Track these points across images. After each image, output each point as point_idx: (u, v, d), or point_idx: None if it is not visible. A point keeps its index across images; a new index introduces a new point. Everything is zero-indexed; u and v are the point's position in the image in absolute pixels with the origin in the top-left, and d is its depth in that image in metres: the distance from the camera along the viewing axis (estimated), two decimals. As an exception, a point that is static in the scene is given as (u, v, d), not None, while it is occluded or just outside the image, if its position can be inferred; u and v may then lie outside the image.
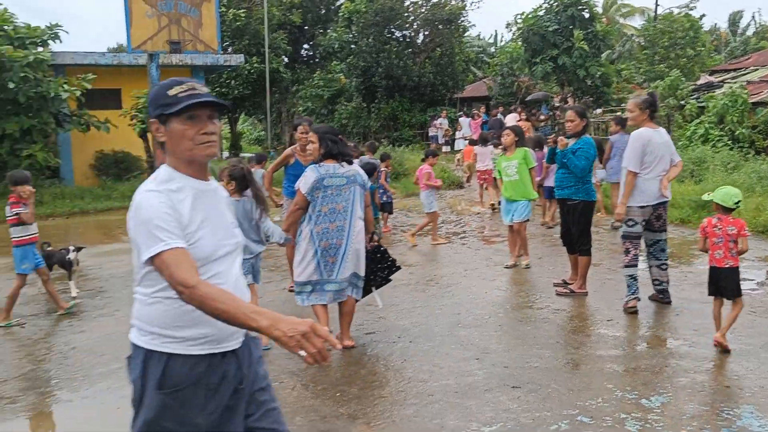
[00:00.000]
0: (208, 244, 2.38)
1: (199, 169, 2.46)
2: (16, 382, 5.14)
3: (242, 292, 2.47)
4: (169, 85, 2.41)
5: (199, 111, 2.38)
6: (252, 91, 31.69)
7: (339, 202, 5.43)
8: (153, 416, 2.34)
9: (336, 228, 5.42)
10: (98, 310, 7.23)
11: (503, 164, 8.68)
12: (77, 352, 5.83)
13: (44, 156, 16.51)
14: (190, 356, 2.33)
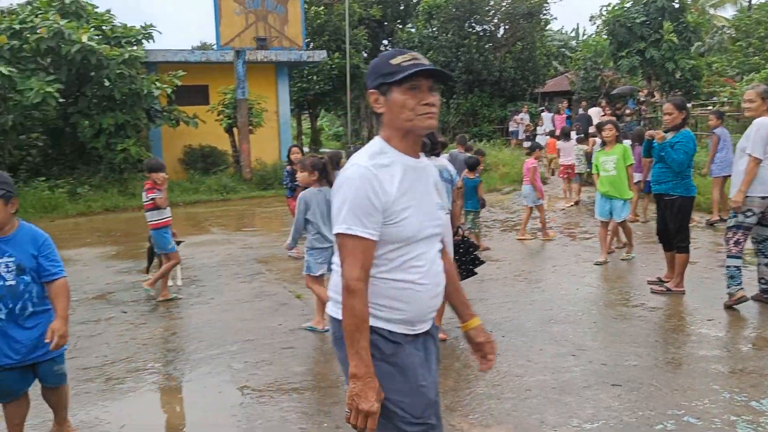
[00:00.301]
0: (412, 225, 2.34)
1: (413, 144, 2.42)
2: (123, 363, 5.36)
3: (439, 277, 2.47)
4: (392, 55, 2.36)
5: (421, 81, 2.33)
6: (332, 87, 32.05)
7: None
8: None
9: None
10: (194, 298, 7.46)
11: (601, 159, 8.50)
12: (177, 337, 6.03)
13: (137, 150, 17.13)
14: (391, 332, 2.36)
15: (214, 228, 13.02)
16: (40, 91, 15.30)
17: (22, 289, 3.47)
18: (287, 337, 5.92)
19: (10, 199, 3.46)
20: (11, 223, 3.51)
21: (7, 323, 3.47)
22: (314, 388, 4.77)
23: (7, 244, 3.46)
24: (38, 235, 3.57)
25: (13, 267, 3.45)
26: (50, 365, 3.65)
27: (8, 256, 3.44)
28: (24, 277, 3.47)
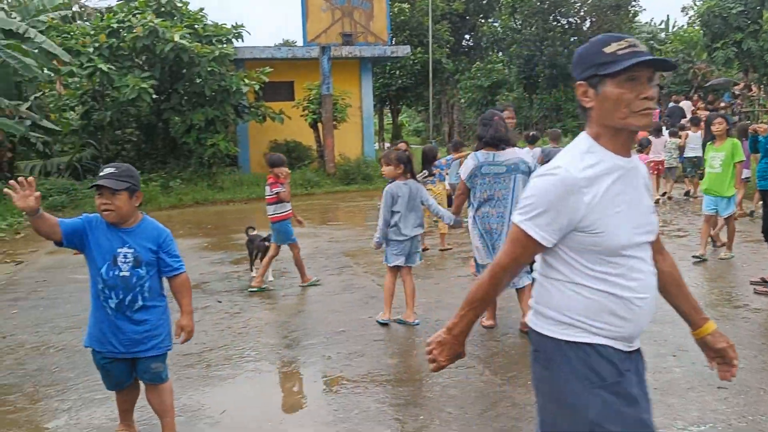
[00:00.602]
0: (619, 234, 2.07)
1: (624, 142, 2.13)
2: (220, 351, 5.51)
3: (654, 286, 2.21)
4: (604, 42, 2.07)
5: (641, 72, 2.04)
6: (414, 82, 32.08)
7: (498, 190, 5.49)
8: (593, 417, 2.06)
9: (496, 214, 5.51)
10: (285, 289, 7.60)
11: (710, 154, 8.18)
12: (271, 327, 6.16)
13: (225, 145, 17.61)
14: (614, 349, 2.11)
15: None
16: (135, 88, 15.93)
17: (135, 281, 3.47)
18: (378, 330, 5.95)
19: (135, 193, 3.51)
20: (135, 216, 3.56)
21: (116, 313, 3.49)
22: (408, 380, 4.78)
23: (129, 236, 3.50)
24: (160, 231, 3.60)
25: (131, 258, 3.47)
26: (148, 362, 3.62)
27: (128, 247, 3.48)
28: (139, 270, 3.48)
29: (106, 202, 3.41)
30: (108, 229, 3.50)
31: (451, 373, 4.84)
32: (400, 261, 5.98)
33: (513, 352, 5.27)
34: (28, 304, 7.25)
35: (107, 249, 3.47)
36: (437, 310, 6.52)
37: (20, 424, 4.27)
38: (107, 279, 3.45)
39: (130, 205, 3.48)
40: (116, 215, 3.44)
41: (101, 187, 3.40)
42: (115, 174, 3.45)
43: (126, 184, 3.44)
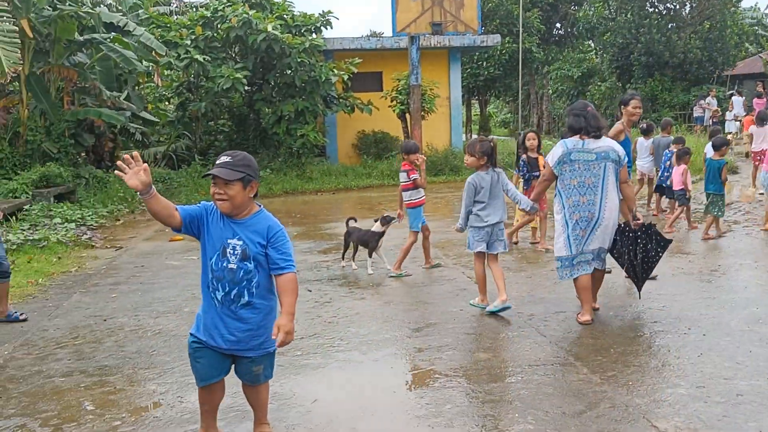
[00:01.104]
0: None
1: None
2: (311, 340, 5.51)
3: None
4: None
5: None
6: (502, 72, 31.55)
7: (588, 177, 5.52)
8: None
9: (587, 202, 5.53)
10: (374, 280, 7.57)
11: None
12: (361, 317, 6.12)
13: (314, 135, 17.79)
14: None
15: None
16: (230, 78, 16.27)
17: (241, 275, 3.33)
18: (469, 323, 5.83)
19: (250, 183, 3.35)
20: (249, 208, 3.40)
21: (222, 306, 3.38)
22: (501, 375, 4.63)
23: (239, 227, 3.37)
24: (272, 225, 3.41)
25: (239, 251, 3.33)
26: (248, 364, 3.50)
27: (238, 238, 3.35)
28: (246, 264, 3.33)
29: (219, 191, 3.30)
30: (221, 218, 3.40)
31: (547, 371, 4.67)
32: (482, 247, 6.09)
33: (612, 351, 5.04)
34: (127, 289, 7.49)
35: (218, 239, 3.37)
36: (529, 304, 6.32)
37: (120, 405, 4.37)
38: (216, 270, 3.37)
39: (244, 195, 3.33)
40: (229, 205, 3.32)
41: (216, 176, 3.30)
42: (229, 163, 3.32)
43: (240, 174, 3.29)
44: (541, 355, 4.99)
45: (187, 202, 15.78)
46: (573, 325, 5.66)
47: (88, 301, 7.04)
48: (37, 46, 14.79)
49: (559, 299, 6.45)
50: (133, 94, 18.20)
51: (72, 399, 4.49)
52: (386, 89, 20.35)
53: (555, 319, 5.86)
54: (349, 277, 7.69)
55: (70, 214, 12.23)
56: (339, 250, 9.24)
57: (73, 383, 4.77)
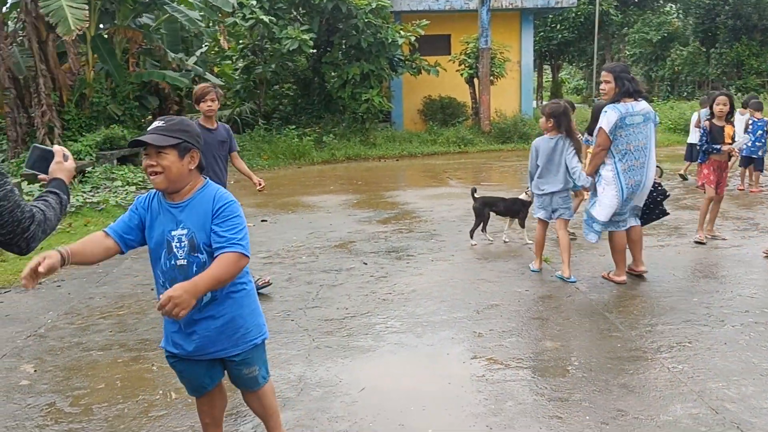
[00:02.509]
0: None
1: None
2: (363, 318, 5.13)
3: None
4: None
5: None
6: (577, 36, 30.31)
7: (641, 140, 5.53)
8: None
9: (640, 165, 5.55)
10: (433, 253, 7.12)
11: None
12: (417, 295, 5.70)
13: (380, 100, 17.32)
14: None
15: (452, 180, 12.70)
16: (296, 39, 15.91)
17: (195, 270, 2.64)
18: (536, 306, 5.33)
19: (188, 151, 2.68)
20: (190, 184, 2.72)
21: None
22: (571, 369, 4.14)
23: (182, 213, 2.70)
24: (218, 197, 2.70)
25: (185, 242, 2.67)
26: (238, 366, 2.87)
27: (182, 227, 2.68)
28: (198, 256, 2.67)
29: (151, 162, 2.64)
30: (161, 207, 2.75)
31: (628, 364, 4.16)
32: (542, 215, 6.14)
33: (699, 345, 4.47)
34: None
35: (159, 234, 2.72)
36: (602, 287, 5.78)
37: (154, 385, 4.10)
38: (166, 271, 2.70)
39: (182, 166, 2.66)
40: (164, 179, 2.64)
41: (147, 144, 2.63)
42: (161, 128, 2.68)
43: (175, 139, 2.64)
44: (615, 345, 4.47)
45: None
46: (652, 315, 5.10)
47: (138, 268, 6.84)
48: (103, 6, 14.73)
49: (635, 283, 5.89)
50: (198, 56, 18.06)
51: (107, 376, 4.25)
52: (454, 53, 19.70)
53: (631, 305, 5.31)
54: (408, 249, 7.26)
55: (132, 177, 12.19)
56: (399, 220, 8.85)
57: (111, 358, 4.53)
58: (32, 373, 4.32)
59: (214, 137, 5.57)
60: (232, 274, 2.61)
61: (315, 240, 7.86)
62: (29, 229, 2.33)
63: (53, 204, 2.53)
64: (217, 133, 5.61)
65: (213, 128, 5.58)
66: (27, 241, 2.34)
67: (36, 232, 2.36)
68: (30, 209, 2.35)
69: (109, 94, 14.85)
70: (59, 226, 8.54)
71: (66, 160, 2.71)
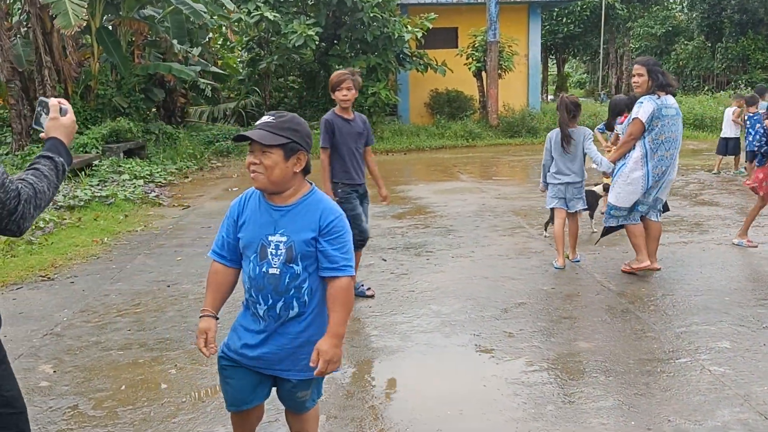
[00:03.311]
0: None
1: None
2: (387, 317, 4.99)
3: None
4: None
5: None
6: (582, 30, 30.12)
7: (673, 131, 5.56)
8: None
9: (669, 156, 5.58)
10: (453, 249, 6.98)
11: None
12: (441, 293, 5.56)
13: (386, 93, 17.12)
14: None
15: (462, 175, 12.56)
16: (302, 35, 15.73)
17: (287, 282, 2.45)
18: (565, 305, 5.20)
19: (295, 153, 2.44)
20: (295, 188, 2.50)
21: (265, 323, 2.53)
22: (608, 370, 4.01)
23: (283, 218, 2.48)
24: (327, 210, 2.48)
25: (283, 250, 2.45)
26: (293, 388, 2.63)
27: (281, 233, 2.46)
28: (292, 267, 2.45)
29: (254, 161, 2.43)
30: (260, 208, 2.53)
31: (667, 366, 4.03)
32: (556, 203, 6.18)
33: (738, 346, 4.34)
34: (192, 252, 7.12)
35: (255, 236, 2.51)
36: (632, 283, 5.64)
37: (179, 386, 3.96)
38: (254, 277, 2.50)
39: (286, 168, 2.42)
40: (265, 180, 2.43)
41: (252, 140, 2.43)
42: (270, 125, 2.44)
43: (283, 139, 2.40)
44: (652, 346, 4.34)
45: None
46: (686, 314, 4.97)
47: (152, 264, 6.70)
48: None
49: (666, 279, 5.76)
50: (204, 49, 17.88)
51: (129, 376, 4.11)
52: (462, 46, 19.53)
53: (663, 304, 5.18)
54: (426, 245, 7.13)
55: (139, 170, 12.04)
56: (414, 215, 8.71)
57: (132, 358, 4.39)
58: (51, 374, 4.19)
59: (351, 128, 5.10)
60: (353, 302, 2.55)
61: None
62: (17, 210, 2.08)
63: (45, 172, 2.22)
64: (354, 124, 5.12)
65: (350, 119, 5.10)
66: (17, 223, 2.10)
67: (26, 211, 2.11)
68: (16, 187, 2.07)
69: (114, 87, 14.67)
70: (68, 219, 8.41)
71: (63, 114, 2.33)
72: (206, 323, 2.59)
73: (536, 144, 17.76)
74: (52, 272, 6.41)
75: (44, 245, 7.28)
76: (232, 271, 2.63)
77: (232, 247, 2.59)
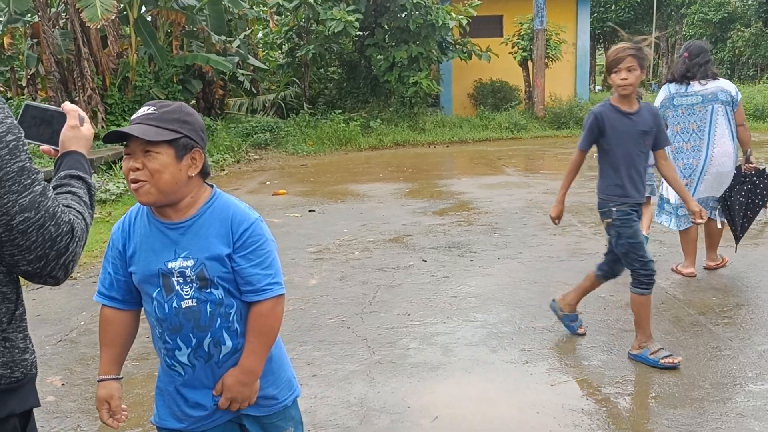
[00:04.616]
0: None
1: None
2: (428, 327, 4.51)
3: None
4: None
5: None
6: (632, 17, 29.10)
7: (692, 122, 5.23)
8: None
9: (691, 148, 5.25)
10: (499, 250, 6.47)
11: None
12: (487, 299, 5.06)
13: (428, 83, 16.63)
14: None
15: (507, 168, 12.01)
16: (342, 21, 15.31)
17: (210, 312, 1.93)
18: (625, 315, 4.65)
19: (190, 151, 1.89)
20: (193, 195, 1.94)
21: (194, 370, 1.97)
22: (686, 397, 3.47)
23: (185, 235, 1.92)
24: (238, 217, 1.94)
25: (192, 276, 1.91)
26: (267, 423, 2.08)
27: (184, 257, 1.91)
28: (212, 293, 1.92)
29: (136, 165, 1.84)
30: (150, 229, 1.95)
31: (753, 389, 3.48)
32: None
33: (830, 368, 3.77)
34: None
35: (151, 266, 1.93)
36: (698, 292, 5.07)
37: (196, 406, 3.56)
38: (165, 318, 1.94)
39: (178, 172, 1.87)
40: (152, 189, 1.85)
41: (129, 141, 1.85)
42: (152, 116, 1.87)
43: (170, 133, 1.85)
44: (731, 368, 3.79)
45: (293, 153, 15.14)
46: (766, 329, 4.40)
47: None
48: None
49: (737, 286, 5.19)
50: (242, 40, 17.59)
51: (143, 392, 3.74)
52: (507, 34, 18.91)
53: (737, 317, 4.61)
54: (470, 245, 6.63)
55: (174, 163, 11.78)
56: (457, 212, 8.23)
57: (147, 370, 4.02)
58: (60, 387, 3.84)
59: (633, 125, 3.81)
60: (278, 328, 1.99)
61: (368, 233, 7.28)
62: (68, 249, 1.52)
63: (84, 197, 1.70)
64: (637, 119, 3.82)
65: (631, 111, 3.81)
66: (65, 267, 1.54)
67: (76, 251, 1.56)
68: (68, 219, 1.53)
69: (152, 78, 14.47)
70: (98, 214, 8.11)
71: (82, 123, 1.83)
72: (106, 390, 2.02)
73: (585, 136, 17.06)
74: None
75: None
76: (129, 316, 2.06)
77: (123, 285, 2.01)
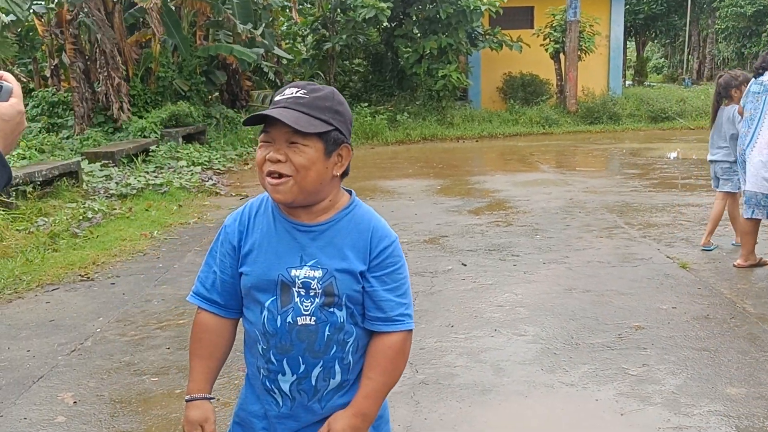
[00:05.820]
0: None
1: None
2: (474, 341, 4.10)
3: None
4: None
5: None
6: (665, 9, 28.33)
7: (749, 110, 5.28)
8: None
9: (743, 134, 5.30)
10: (543, 253, 6.03)
11: None
12: (536, 310, 4.63)
13: (457, 76, 16.17)
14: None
15: (541, 165, 11.54)
16: (372, 7, 14.90)
17: (329, 335, 1.63)
18: (694, 331, 4.20)
19: (339, 146, 1.61)
20: (332, 198, 1.67)
21: (292, 403, 1.67)
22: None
23: (317, 240, 1.64)
24: (379, 232, 1.65)
25: (318, 289, 1.61)
26: None
27: (312, 265, 1.62)
28: (334, 313, 1.62)
29: (277, 157, 1.58)
30: (276, 229, 1.67)
31: None
32: (713, 183, 6.09)
33: None
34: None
35: (271, 271, 1.64)
36: None
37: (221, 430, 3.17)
38: (274, 333, 1.64)
39: (325, 170, 1.59)
40: (294, 187, 1.58)
41: (270, 126, 1.58)
42: (302, 102, 1.55)
43: (324, 125, 1.56)
44: (824, 397, 3.34)
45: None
46: None
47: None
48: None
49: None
50: (267, 30, 17.21)
51: (161, 413, 3.36)
52: (538, 26, 18.37)
53: (819, 332, 4.14)
54: (511, 248, 6.19)
55: (197, 156, 11.47)
56: (493, 211, 7.79)
57: (167, 387, 3.65)
58: (71, 405, 3.47)
59: None
60: (403, 369, 1.68)
61: (401, 233, 6.86)
62: None
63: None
64: None
65: None
66: None
67: None
68: None
69: (175, 69, 14.15)
70: (118, 210, 7.79)
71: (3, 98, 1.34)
72: (199, 412, 1.72)
73: (618, 131, 16.53)
74: (92, 271, 5.76)
75: (89, 239, 6.66)
76: (230, 325, 1.76)
77: (229, 287, 1.72)
